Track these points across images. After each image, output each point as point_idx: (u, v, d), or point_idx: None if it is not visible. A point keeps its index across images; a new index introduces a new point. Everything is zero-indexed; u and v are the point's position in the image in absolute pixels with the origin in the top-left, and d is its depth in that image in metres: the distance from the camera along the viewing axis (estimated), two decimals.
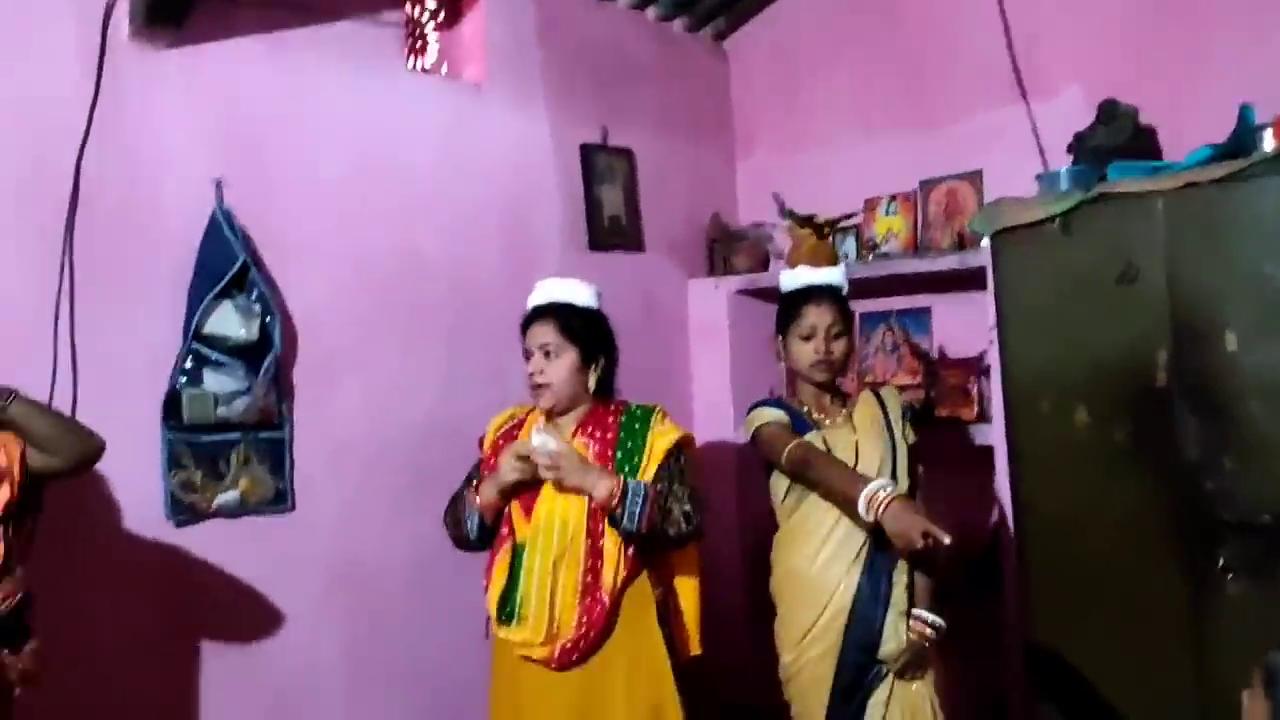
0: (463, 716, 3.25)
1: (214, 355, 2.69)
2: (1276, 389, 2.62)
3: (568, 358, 2.40)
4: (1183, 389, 2.76)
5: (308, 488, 2.96)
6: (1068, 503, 2.96)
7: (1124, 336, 2.86)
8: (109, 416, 2.53)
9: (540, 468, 2.28)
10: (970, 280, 3.57)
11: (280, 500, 2.89)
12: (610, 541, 2.31)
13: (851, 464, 2.46)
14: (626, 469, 2.35)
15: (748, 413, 2.63)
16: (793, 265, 3.08)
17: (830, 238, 3.31)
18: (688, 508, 2.32)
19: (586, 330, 2.44)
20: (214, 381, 2.71)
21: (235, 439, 2.78)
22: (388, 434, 3.18)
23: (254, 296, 2.78)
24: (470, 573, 3.22)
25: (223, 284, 2.69)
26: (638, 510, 2.25)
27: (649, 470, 2.35)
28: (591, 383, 2.44)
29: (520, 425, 2.48)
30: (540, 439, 2.29)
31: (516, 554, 2.37)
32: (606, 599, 2.30)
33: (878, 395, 2.59)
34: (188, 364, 2.67)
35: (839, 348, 2.53)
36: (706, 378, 4.11)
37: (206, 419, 2.69)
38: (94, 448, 2.04)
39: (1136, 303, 2.83)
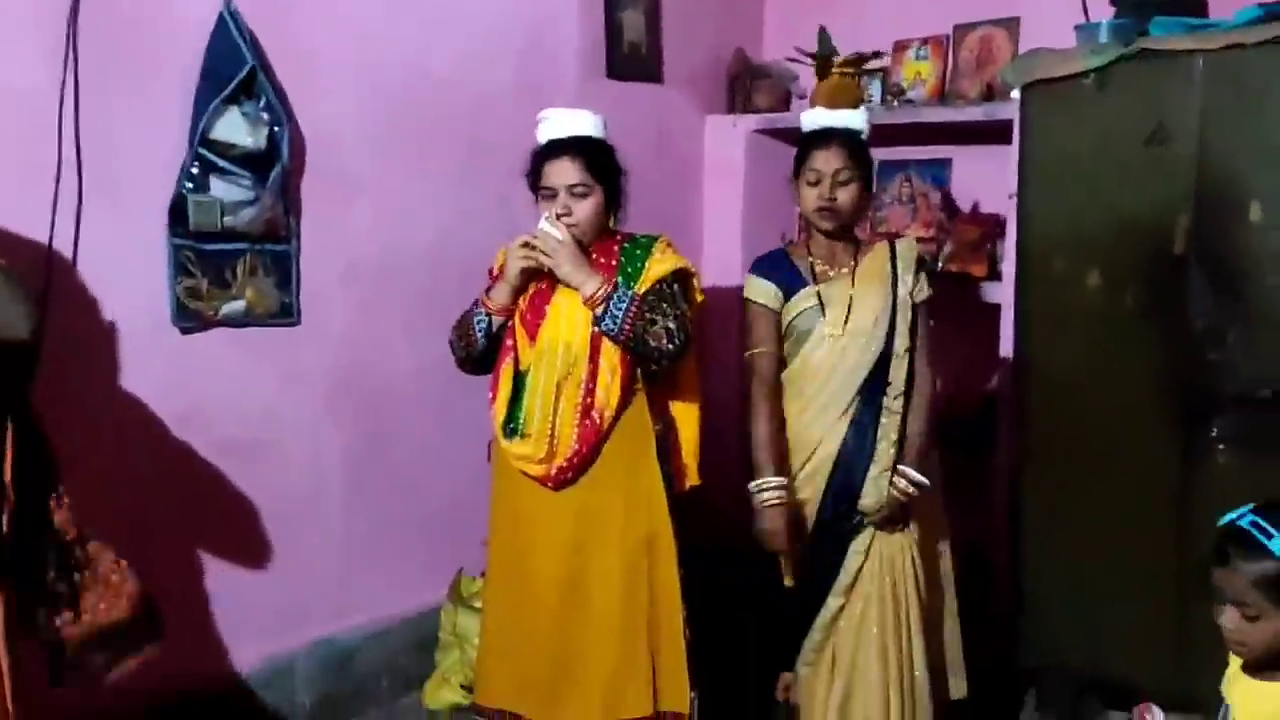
0: (460, 530, 3.35)
1: (221, 162, 2.64)
2: None
3: (595, 198, 2.37)
4: (1200, 258, 2.73)
5: (314, 304, 2.95)
6: (1071, 364, 2.97)
7: (1147, 200, 2.81)
8: (115, 220, 2.54)
9: (540, 253, 2.30)
10: (995, 133, 3.47)
11: (287, 313, 2.89)
12: (605, 364, 2.34)
13: (843, 319, 2.45)
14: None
15: (750, 268, 2.62)
16: (813, 105, 2.98)
17: (858, 79, 3.19)
18: (671, 325, 2.32)
19: (610, 169, 2.40)
20: (221, 189, 2.67)
21: (242, 249, 2.76)
22: (396, 257, 3.16)
23: (262, 105, 2.71)
24: (472, 393, 3.26)
25: (230, 89, 2.62)
26: (620, 313, 2.29)
27: (640, 290, 2.36)
28: (611, 221, 2.43)
29: None
30: (547, 225, 2.32)
31: (520, 376, 2.40)
32: (599, 419, 2.33)
33: (892, 247, 2.54)
34: (194, 169, 2.62)
35: (845, 195, 2.45)
36: (718, 219, 4.06)
37: (213, 227, 2.66)
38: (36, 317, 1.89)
39: (1163, 166, 2.77)
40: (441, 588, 3.30)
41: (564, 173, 2.35)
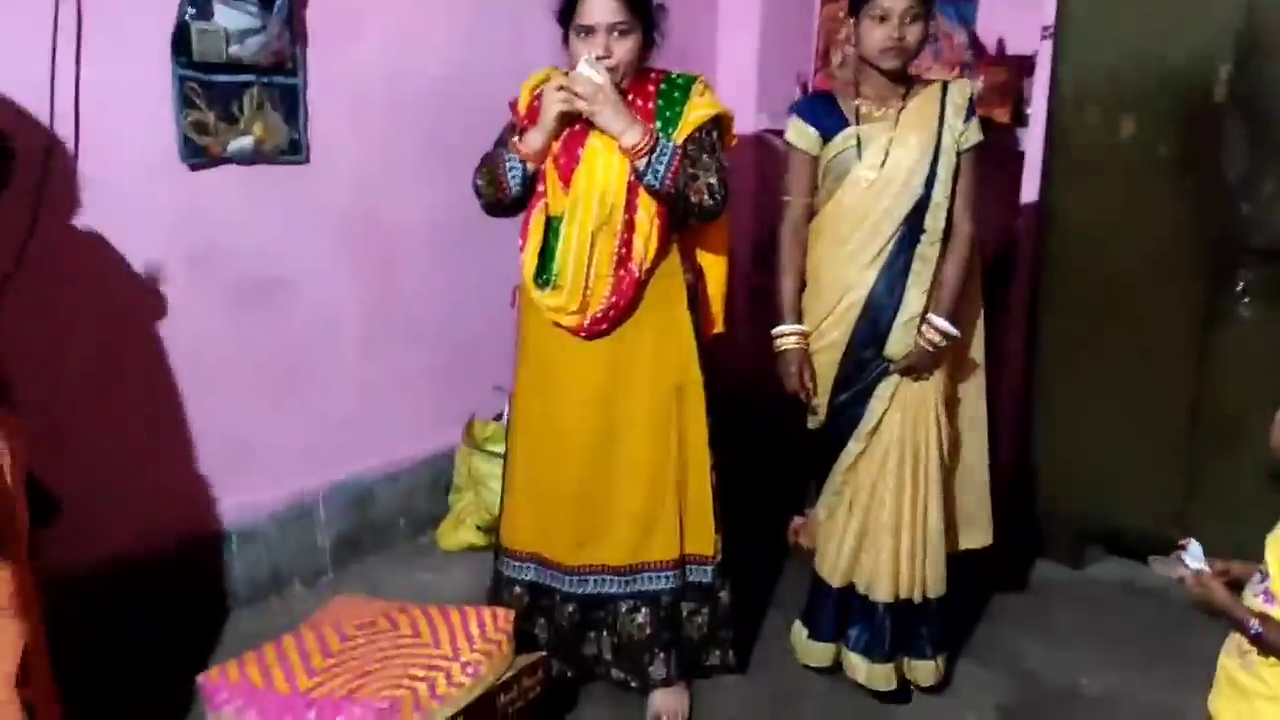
0: (474, 374, 3.35)
1: None
2: None
3: (635, 37, 2.24)
4: (1239, 107, 2.66)
5: (324, 140, 2.84)
6: (1098, 215, 2.94)
7: (1189, 47, 2.72)
8: (115, 49, 2.41)
9: (578, 99, 2.19)
10: None
11: (295, 150, 2.78)
12: (643, 213, 2.27)
13: (879, 162, 2.38)
14: (661, 139, 2.27)
15: (791, 109, 2.53)
16: None
17: None
18: (713, 180, 2.25)
19: (649, 5, 2.27)
20: (225, 16, 2.52)
21: (249, 80, 2.63)
22: (404, 89, 3.03)
23: None
24: (487, 235, 3.19)
25: None
26: (663, 167, 2.20)
27: (680, 137, 2.27)
28: (648, 59, 2.31)
29: None
30: (587, 69, 2.18)
31: (552, 223, 2.32)
32: (637, 270, 2.29)
33: (945, 91, 2.43)
34: None
35: (913, 33, 2.34)
36: (733, 56, 3.91)
37: (218, 56, 2.53)
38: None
39: (1209, 12, 2.68)
40: (455, 431, 3.32)
41: (605, 9, 2.20)
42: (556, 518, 2.43)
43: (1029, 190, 3.23)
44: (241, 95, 2.63)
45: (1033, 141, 3.21)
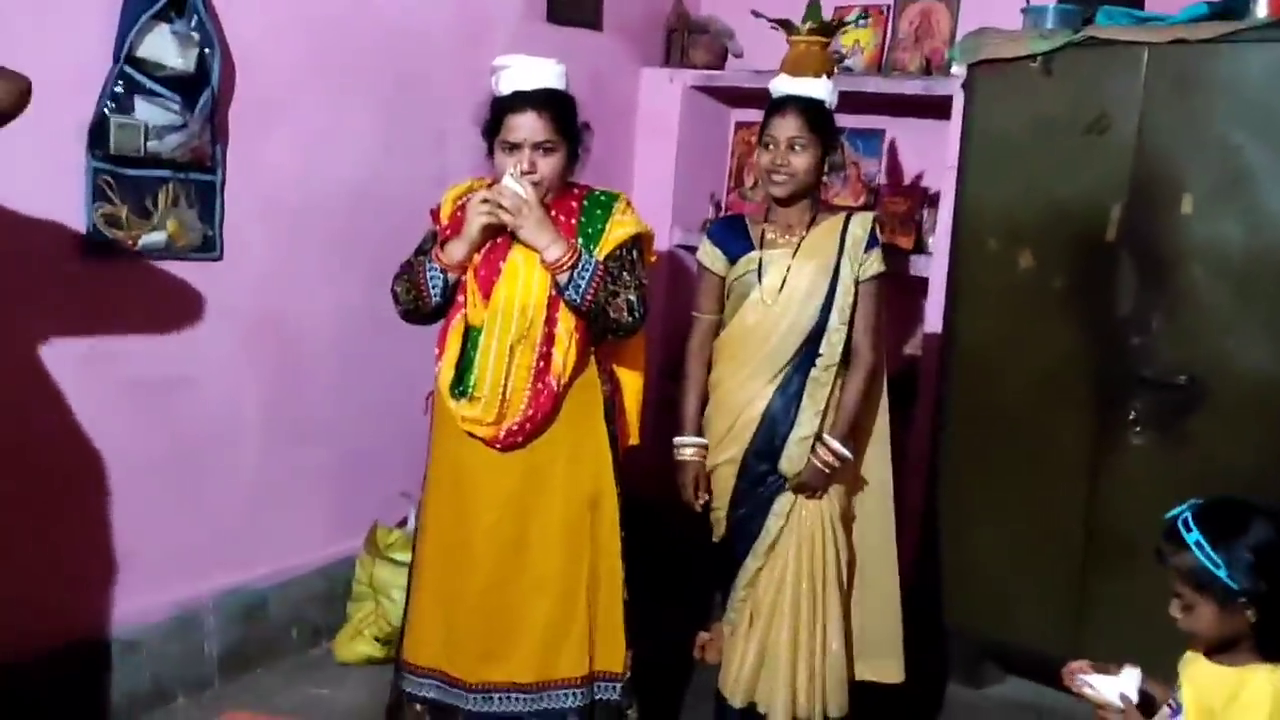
0: (376, 479, 3.27)
1: (147, 83, 2.47)
2: (1220, 256, 2.70)
3: (560, 154, 2.28)
4: (1130, 245, 2.82)
5: (236, 238, 2.80)
6: (997, 340, 3.05)
7: (1083, 187, 2.88)
8: (30, 139, 2.34)
9: (503, 211, 2.20)
10: (932, 108, 3.51)
11: (209, 247, 2.73)
12: (563, 327, 2.28)
13: (777, 288, 2.46)
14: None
15: (704, 231, 2.64)
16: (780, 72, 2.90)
17: (825, 47, 3.13)
18: (633, 298, 2.28)
19: (575, 124, 2.32)
20: (146, 111, 2.50)
21: (165, 176, 2.59)
22: (320, 190, 3.01)
23: (193, 24, 2.53)
24: (396, 339, 3.14)
25: (160, 4, 2.45)
26: (584, 283, 2.22)
27: (602, 254, 2.30)
28: (571, 174, 2.35)
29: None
30: (512, 183, 2.20)
31: (470, 334, 2.31)
32: (555, 385, 2.28)
33: (847, 222, 2.52)
34: (117, 88, 2.44)
35: (799, 162, 2.44)
36: (650, 173, 4.00)
37: (135, 150, 2.49)
38: (24, 83, 1.79)
39: (1102, 154, 2.84)
40: (354, 537, 3.22)
41: (531, 128, 2.23)
42: (461, 630, 2.36)
43: (931, 314, 3.36)
44: (157, 190, 2.60)
45: (935, 268, 3.35)
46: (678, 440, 2.58)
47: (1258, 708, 1.58)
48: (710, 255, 2.57)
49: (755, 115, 4.06)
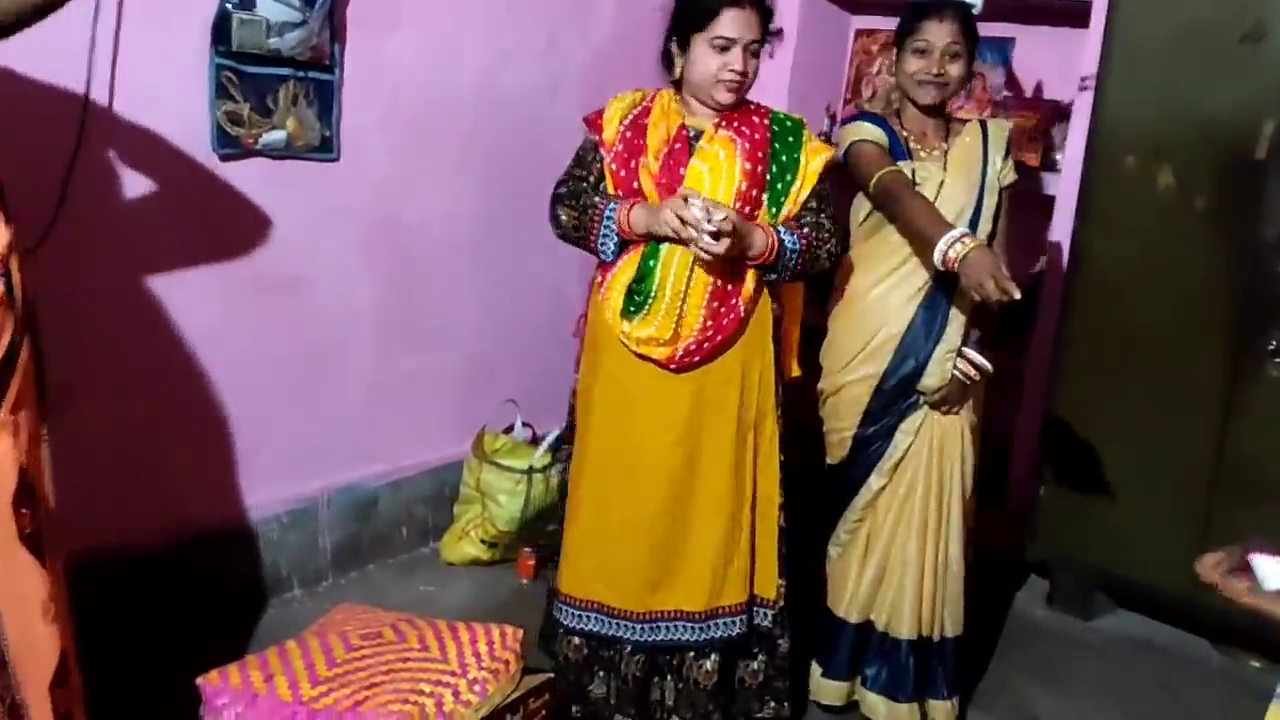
0: (486, 385, 3.31)
1: None
2: None
3: (758, 58, 2.17)
4: None
5: (354, 139, 2.81)
6: (1130, 262, 2.91)
7: (1233, 100, 2.71)
8: (155, 37, 2.37)
9: (701, 244, 2.04)
10: (1068, 15, 3.33)
11: (327, 148, 2.75)
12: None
13: (933, 200, 2.34)
14: (780, 186, 2.21)
15: (844, 123, 2.49)
16: None
17: None
18: (831, 246, 2.24)
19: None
20: (267, 8, 2.49)
21: (285, 74, 2.59)
22: (437, 94, 3.00)
23: None
24: (513, 246, 3.17)
25: None
26: (791, 265, 2.19)
27: (803, 192, 2.22)
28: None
29: (645, 116, 2.23)
30: (702, 207, 2.03)
31: (651, 247, 2.18)
32: (741, 308, 2.21)
33: (984, 129, 2.41)
34: None
35: (954, 70, 2.32)
36: (763, 83, 3.86)
37: (257, 47, 2.50)
38: None
39: (1256, 66, 2.66)
40: (463, 442, 3.27)
41: (749, 25, 2.11)
42: (627, 558, 2.28)
43: (1057, 233, 3.22)
44: (278, 89, 2.60)
45: (1064, 185, 3.20)
46: (951, 235, 2.15)
47: None
48: (869, 131, 2.38)
49: (878, 22, 3.94)
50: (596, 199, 2.22)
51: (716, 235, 2.03)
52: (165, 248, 2.50)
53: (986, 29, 3.57)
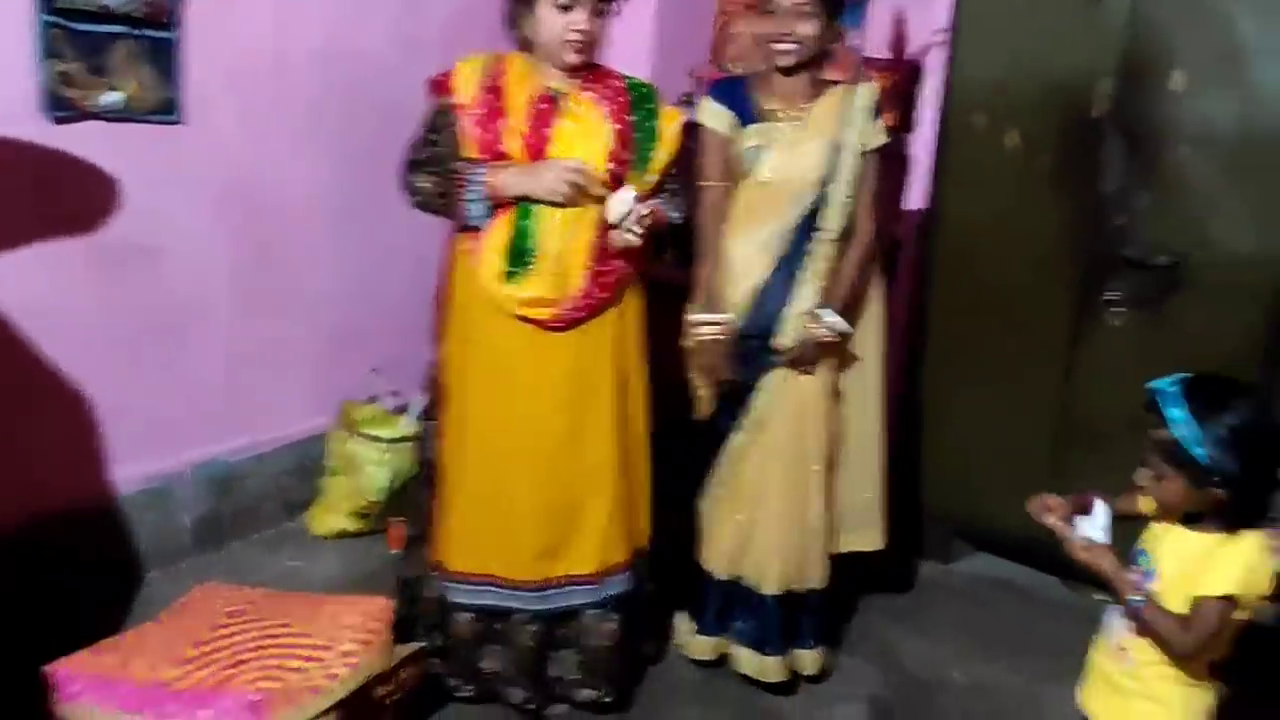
0: (353, 354, 3.23)
1: None
2: (1209, 135, 2.66)
3: (604, 18, 2.18)
4: (1118, 122, 2.77)
5: (202, 101, 2.69)
6: (983, 220, 3.01)
7: (1074, 61, 2.81)
8: None
9: (625, 234, 2.15)
10: None
11: (170, 110, 2.62)
12: None
13: (783, 163, 2.39)
14: (643, 151, 2.23)
15: (708, 91, 2.53)
16: None
17: None
18: (683, 211, 2.34)
19: None
20: None
21: (120, 32, 2.45)
22: (290, 53, 2.89)
23: None
24: (374, 211, 3.08)
25: None
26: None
27: (664, 159, 2.26)
28: None
29: (501, 78, 2.20)
30: (627, 199, 2.14)
31: (523, 208, 2.17)
32: (622, 268, 2.23)
33: (852, 92, 2.43)
34: None
35: (805, 29, 2.34)
36: (625, 44, 3.84)
37: (88, 3, 2.36)
38: None
39: (1095, 28, 2.77)
40: (328, 413, 3.19)
41: None
42: (517, 531, 2.26)
43: (914, 194, 3.31)
44: (112, 47, 2.46)
45: (920, 146, 3.29)
46: (699, 316, 2.43)
47: (1236, 560, 1.60)
48: (715, 116, 2.44)
49: None
50: (460, 163, 2.18)
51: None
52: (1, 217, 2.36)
53: None
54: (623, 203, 2.14)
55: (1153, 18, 2.69)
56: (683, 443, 2.64)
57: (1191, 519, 1.69)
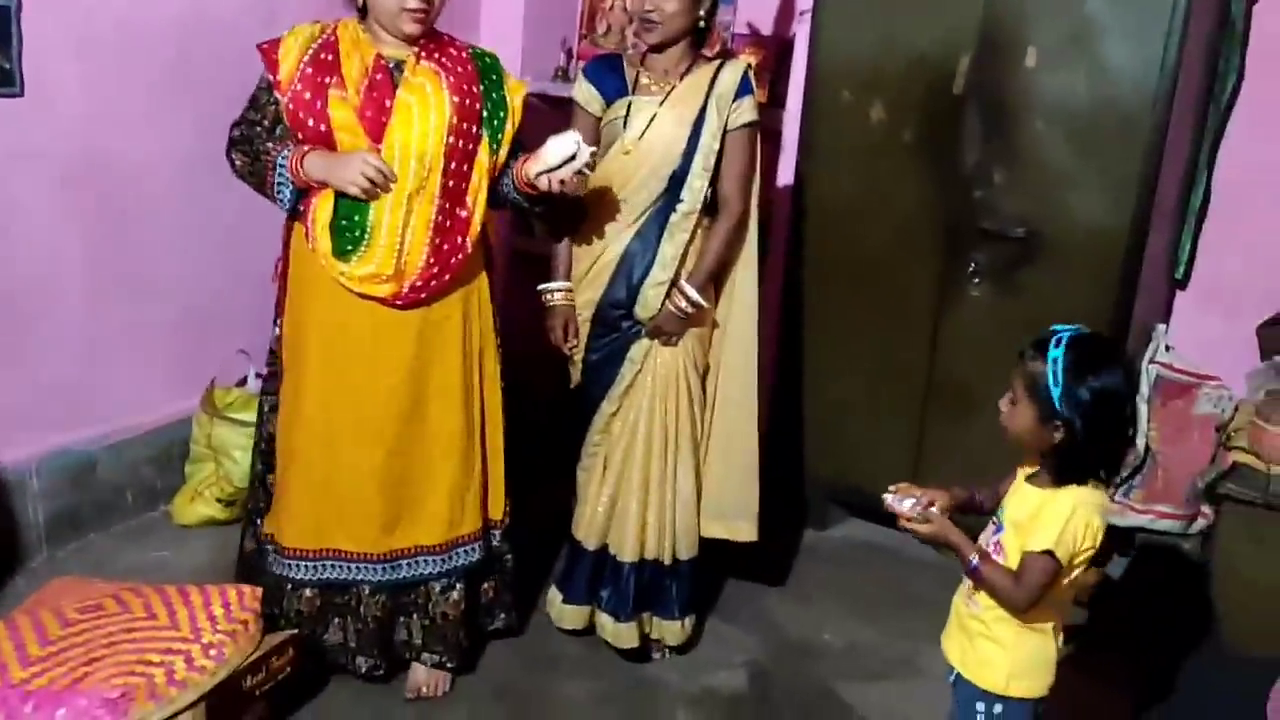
0: (216, 335, 3.12)
1: None
2: (1061, 110, 2.76)
3: None
4: (977, 98, 2.85)
5: (41, 71, 2.55)
6: (849, 193, 3.08)
7: (934, 38, 2.89)
8: None
9: (561, 181, 2.16)
10: None
11: (6, 81, 2.47)
12: (472, 185, 2.19)
13: (639, 134, 2.41)
14: (495, 123, 2.21)
15: (582, 70, 2.56)
16: None
17: None
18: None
19: None
20: None
21: None
22: (140, 20, 2.76)
23: None
24: (231, 187, 2.96)
25: None
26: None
27: (509, 130, 2.24)
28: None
29: (331, 49, 2.12)
30: (572, 142, 2.14)
31: None
32: (469, 246, 2.20)
33: (719, 69, 2.45)
34: None
35: (668, 6, 2.34)
36: (496, 17, 3.81)
37: None
38: None
39: (955, 6, 2.84)
40: (191, 397, 3.07)
41: None
42: (359, 504, 2.24)
43: (785, 168, 3.35)
44: None
45: (789, 121, 3.32)
46: (545, 286, 2.52)
47: (1056, 517, 1.69)
48: (585, 94, 2.49)
49: None
50: (270, 144, 2.13)
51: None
52: None
53: None
54: (567, 145, 2.13)
55: None
56: (565, 414, 2.65)
57: (1034, 470, 1.78)
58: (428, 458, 2.27)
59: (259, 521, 2.40)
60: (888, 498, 1.84)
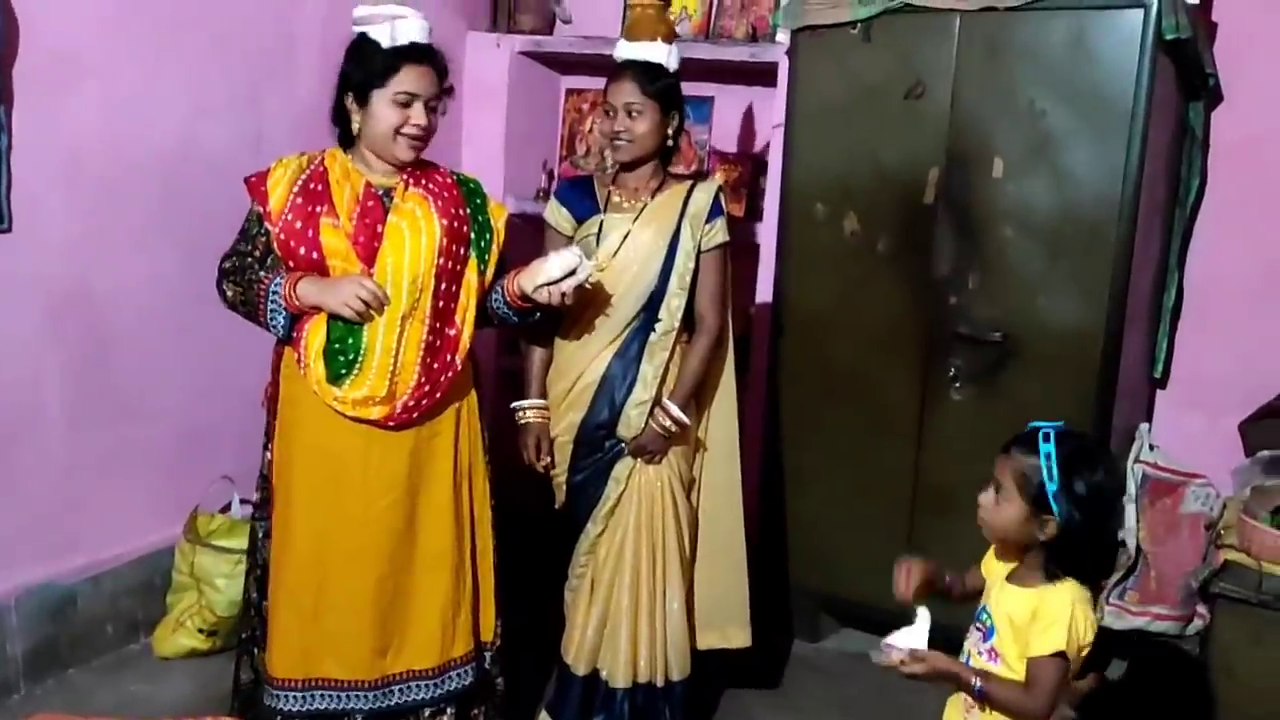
0: (199, 462, 3.10)
1: None
2: (1029, 217, 2.83)
3: (437, 113, 2.21)
4: (947, 208, 2.93)
5: (29, 205, 2.59)
6: (827, 303, 3.12)
7: (903, 151, 2.97)
8: None
9: (563, 294, 2.22)
10: (759, 75, 3.55)
11: None
12: (465, 298, 2.24)
13: (612, 253, 2.45)
14: (482, 244, 2.28)
15: (554, 191, 2.64)
16: None
17: (665, 9, 3.11)
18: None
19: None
20: None
21: None
22: (128, 155, 2.83)
23: None
24: (215, 315, 2.99)
25: None
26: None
27: (495, 251, 2.30)
28: None
29: (320, 179, 2.18)
30: (575, 256, 2.22)
31: None
32: (459, 364, 2.22)
33: (691, 189, 2.51)
34: None
35: (638, 127, 2.42)
36: (479, 141, 3.91)
37: None
38: None
39: (919, 120, 2.93)
40: (172, 525, 3.05)
41: (431, 82, 2.15)
42: (352, 628, 2.21)
43: (764, 279, 3.40)
44: None
45: (765, 233, 3.39)
46: (518, 404, 2.55)
47: (1060, 615, 1.67)
48: (556, 215, 2.55)
49: (586, 82, 4.06)
50: (262, 274, 2.17)
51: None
52: None
53: (689, 89, 3.75)
54: (570, 259, 2.20)
55: (972, 112, 2.86)
56: (549, 535, 2.64)
57: (1017, 567, 1.76)
58: (419, 580, 2.25)
59: (256, 651, 2.34)
60: (875, 655, 1.81)
